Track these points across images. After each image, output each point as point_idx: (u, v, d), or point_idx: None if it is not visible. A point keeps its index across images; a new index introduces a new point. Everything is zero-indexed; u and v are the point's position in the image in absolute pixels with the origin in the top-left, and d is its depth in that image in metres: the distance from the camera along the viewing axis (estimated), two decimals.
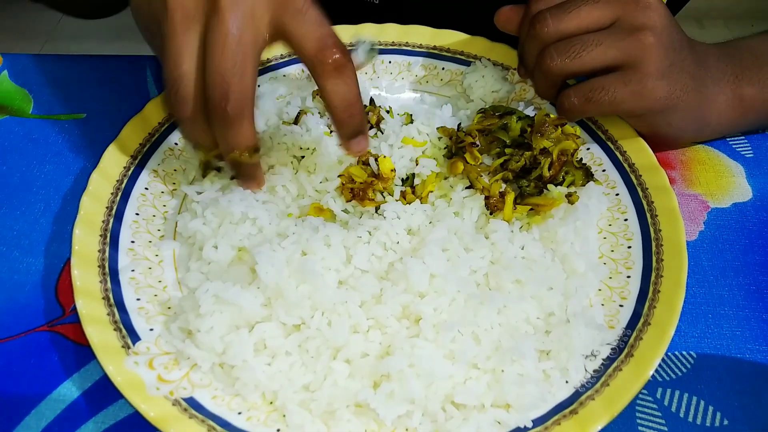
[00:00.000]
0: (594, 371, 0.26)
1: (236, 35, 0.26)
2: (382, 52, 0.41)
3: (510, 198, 0.31)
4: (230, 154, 0.28)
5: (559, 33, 0.33)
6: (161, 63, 0.28)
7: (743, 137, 0.38)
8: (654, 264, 0.29)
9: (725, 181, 0.36)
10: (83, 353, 0.29)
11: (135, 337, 0.27)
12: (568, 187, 0.32)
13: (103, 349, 0.26)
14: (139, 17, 0.30)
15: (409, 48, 0.41)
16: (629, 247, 0.31)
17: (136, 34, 0.31)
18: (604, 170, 0.34)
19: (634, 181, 0.33)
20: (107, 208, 0.32)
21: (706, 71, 0.35)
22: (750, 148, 0.38)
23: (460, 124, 0.35)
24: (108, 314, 0.27)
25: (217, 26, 0.26)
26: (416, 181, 0.32)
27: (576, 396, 0.25)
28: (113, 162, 0.33)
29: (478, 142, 0.33)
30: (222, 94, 0.26)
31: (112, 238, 0.31)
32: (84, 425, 0.27)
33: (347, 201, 0.31)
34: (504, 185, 0.32)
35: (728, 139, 0.38)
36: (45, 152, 0.38)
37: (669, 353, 0.28)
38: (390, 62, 0.41)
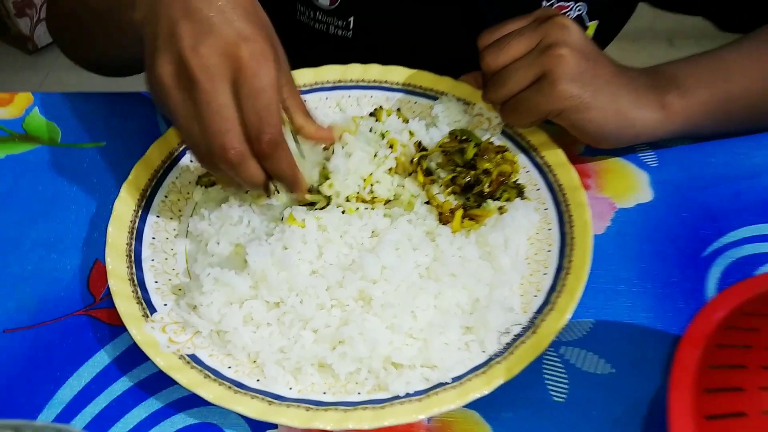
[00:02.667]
0: (506, 344, 0.33)
1: (208, 95, 0.31)
2: (365, 88, 0.49)
3: (459, 214, 0.39)
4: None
5: (497, 66, 0.41)
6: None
7: (651, 150, 0.46)
8: (565, 264, 0.37)
9: (631, 186, 0.44)
10: (112, 330, 0.37)
11: (152, 310, 0.35)
12: (503, 201, 0.40)
13: (128, 317, 0.34)
14: (155, 101, 0.35)
15: (388, 85, 0.49)
16: (549, 251, 0.38)
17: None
18: (538, 189, 0.42)
19: (560, 199, 0.40)
20: (134, 211, 0.40)
21: (627, 80, 0.41)
22: (655, 158, 0.46)
23: (419, 141, 0.42)
24: (132, 292, 0.35)
25: (194, 92, 0.31)
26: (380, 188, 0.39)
27: (488, 361, 0.32)
28: (139, 176, 0.41)
29: (434, 169, 0.41)
30: (264, 129, 0.32)
31: (137, 235, 0.39)
32: (114, 383, 0.35)
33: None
34: (454, 202, 0.39)
35: (637, 153, 0.46)
36: (73, 173, 0.46)
37: (573, 320, 0.35)
38: (372, 96, 0.49)
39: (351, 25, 0.53)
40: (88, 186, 0.45)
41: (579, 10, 0.52)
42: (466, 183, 0.39)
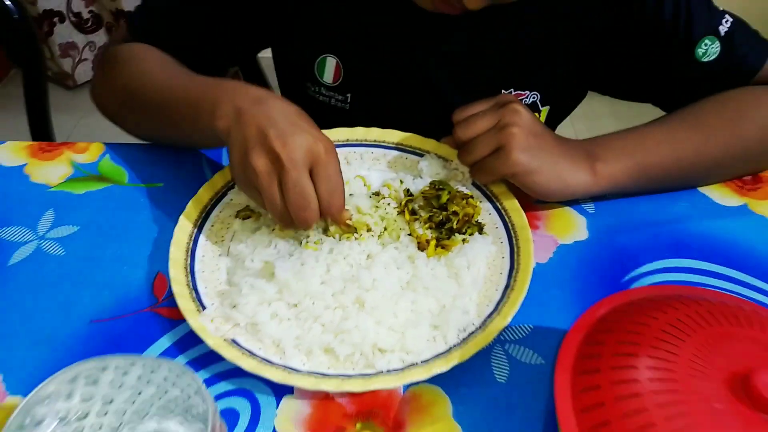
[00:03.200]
0: (462, 338, 0.45)
1: (296, 180, 0.45)
2: (367, 146, 0.63)
3: (432, 243, 0.51)
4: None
5: (466, 139, 0.54)
6: (260, 200, 0.47)
7: (590, 200, 0.59)
8: (511, 283, 0.49)
9: (571, 228, 0.57)
10: (171, 323, 0.48)
11: (203, 307, 0.47)
12: (467, 235, 0.52)
13: (186, 311, 0.46)
14: (238, 180, 0.49)
15: (385, 144, 0.62)
16: (501, 273, 0.50)
17: None
18: (497, 227, 0.54)
19: (512, 235, 0.53)
20: (189, 235, 0.52)
21: (566, 151, 0.53)
22: (593, 207, 0.58)
23: (407, 188, 0.55)
24: (189, 293, 0.48)
25: (285, 177, 0.44)
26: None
27: (449, 350, 0.44)
28: (192, 209, 0.54)
29: (416, 209, 0.54)
30: (333, 204, 0.47)
31: (191, 253, 0.51)
32: (174, 360, 0.47)
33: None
34: (430, 234, 0.52)
35: (581, 202, 0.59)
36: (138, 207, 0.58)
37: (515, 324, 0.47)
38: (372, 153, 0.62)
39: (348, 100, 0.67)
40: (150, 217, 0.58)
41: (533, 98, 0.66)
42: (440, 221, 0.52)
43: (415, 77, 0.66)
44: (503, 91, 0.64)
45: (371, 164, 0.61)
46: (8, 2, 0.84)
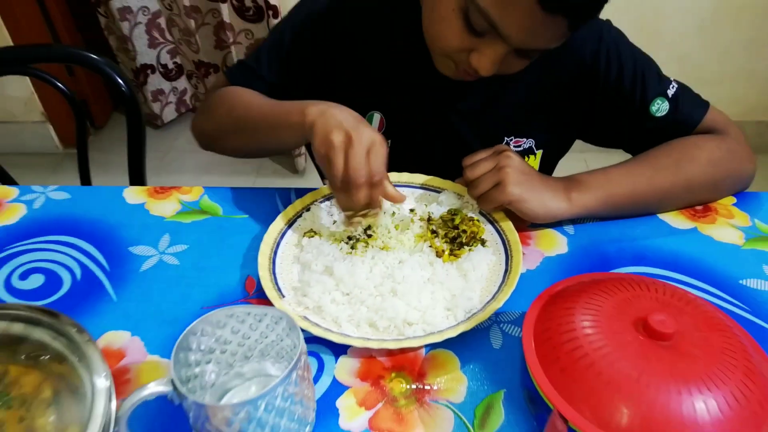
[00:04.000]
0: (467, 316, 0.63)
1: (358, 151, 0.61)
2: (400, 186, 0.82)
3: (447, 253, 0.70)
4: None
5: (473, 178, 0.73)
6: (328, 170, 0.63)
7: (571, 224, 0.76)
8: (505, 281, 0.66)
9: (555, 244, 0.73)
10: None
11: (283, 296, 0.66)
12: (474, 247, 0.70)
13: (273, 298, 0.65)
14: (317, 154, 0.64)
15: (413, 185, 0.82)
16: (499, 274, 0.68)
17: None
18: (496, 243, 0.72)
19: (508, 248, 0.71)
20: (271, 248, 0.72)
21: (548, 185, 0.71)
22: (573, 229, 0.76)
23: (429, 214, 0.74)
24: (273, 287, 0.67)
25: (351, 149, 0.62)
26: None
27: (457, 324, 0.62)
28: (272, 231, 0.74)
29: (435, 228, 0.73)
30: (376, 172, 0.63)
31: (272, 261, 0.71)
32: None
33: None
34: (446, 246, 0.71)
35: (563, 225, 0.76)
36: (231, 231, 0.79)
37: (507, 310, 0.64)
38: (403, 191, 0.81)
39: (389, 145, 0.87)
40: (239, 237, 0.78)
41: (530, 143, 0.85)
42: (453, 236, 0.71)
43: (440, 128, 0.86)
44: (506, 138, 0.84)
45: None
46: (123, 84, 1.10)
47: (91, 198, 0.87)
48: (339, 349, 0.62)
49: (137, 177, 1.19)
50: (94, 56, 1.09)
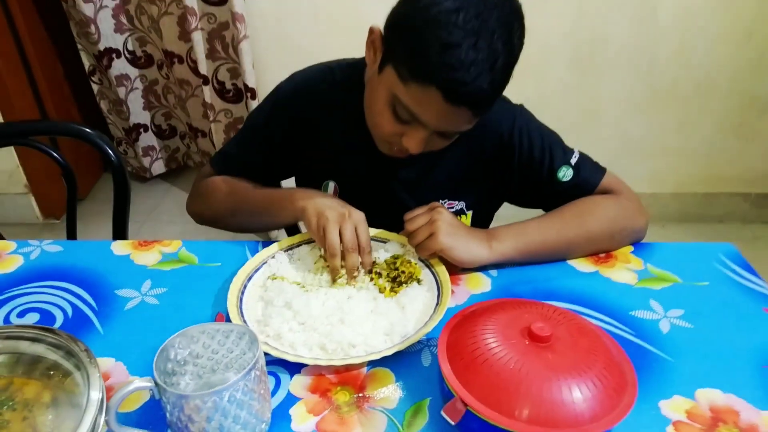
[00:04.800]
0: (401, 340, 0.75)
1: (351, 227, 0.81)
2: None
3: (388, 289, 0.83)
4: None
5: (412, 230, 0.87)
6: (325, 240, 0.82)
7: (495, 268, 0.90)
8: (434, 314, 0.79)
9: (480, 284, 0.87)
10: None
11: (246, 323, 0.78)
12: (409, 285, 0.84)
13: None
14: (313, 232, 0.85)
15: None
16: (431, 308, 0.81)
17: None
18: (431, 282, 0.86)
19: (440, 287, 0.84)
20: (238, 289, 0.85)
21: (473, 235, 0.85)
22: (497, 272, 0.90)
23: (375, 259, 0.88)
24: (240, 319, 0.79)
25: (345, 224, 0.81)
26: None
27: (393, 346, 0.74)
28: (240, 275, 0.87)
29: (380, 271, 0.86)
30: (362, 242, 0.82)
31: (240, 300, 0.83)
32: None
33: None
34: (387, 285, 0.84)
35: (488, 269, 0.90)
36: (206, 277, 0.92)
37: (436, 337, 0.77)
38: None
39: None
40: (212, 281, 0.90)
41: (461, 205, 1.01)
42: (393, 276, 0.85)
43: (384, 195, 1.02)
44: (440, 200, 1.00)
45: None
46: (112, 154, 1.24)
47: (82, 251, 0.99)
48: (294, 368, 0.74)
49: (120, 233, 1.31)
50: (88, 130, 1.24)
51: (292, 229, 1.21)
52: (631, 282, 0.89)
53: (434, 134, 0.85)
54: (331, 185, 1.04)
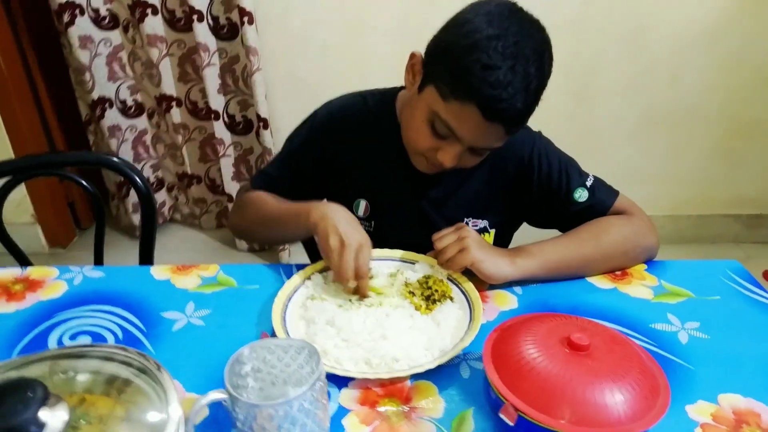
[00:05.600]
0: (441, 354, 0.80)
1: (349, 255, 0.86)
2: (382, 260, 1.01)
3: (423, 307, 0.88)
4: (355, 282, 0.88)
5: (441, 247, 0.93)
6: (328, 257, 0.88)
7: (519, 285, 0.96)
8: (468, 330, 0.85)
9: (508, 302, 0.93)
10: None
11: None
12: (442, 303, 0.89)
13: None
14: (322, 250, 0.90)
15: (393, 258, 1.02)
16: (465, 325, 0.86)
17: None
18: (462, 300, 0.91)
19: (470, 305, 0.90)
20: (281, 309, 0.89)
21: (499, 253, 0.91)
22: (521, 290, 0.96)
23: (407, 278, 0.94)
24: (286, 336, 0.84)
25: (345, 251, 0.86)
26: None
27: (433, 360, 0.79)
28: (281, 296, 0.92)
29: (413, 290, 0.92)
30: (361, 267, 0.86)
31: (283, 319, 0.88)
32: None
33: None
34: (423, 303, 0.89)
35: (512, 287, 0.96)
36: (246, 298, 0.96)
37: (472, 351, 0.82)
38: (386, 263, 1.01)
39: (372, 226, 1.08)
40: (253, 302, 0.95)
41: (484, 224, 1.07)
42: (427, 295, 0.90)
43: (413, 212, 1.08)
44: (465, 218, 1.06)
45: (383, 270, 1.00)
46: (141, 184, 1.29)
47: (123, 276, 1.03)
48: (341, 383, 0.78)
49: (147, 258, 1.35)
50: (117, 159, 1.30)
51: (310, 243, 1.27)
52: (648, 297, 0.95)
53: (467, 151, 0.91)
54: (363, 203, 1.10)
